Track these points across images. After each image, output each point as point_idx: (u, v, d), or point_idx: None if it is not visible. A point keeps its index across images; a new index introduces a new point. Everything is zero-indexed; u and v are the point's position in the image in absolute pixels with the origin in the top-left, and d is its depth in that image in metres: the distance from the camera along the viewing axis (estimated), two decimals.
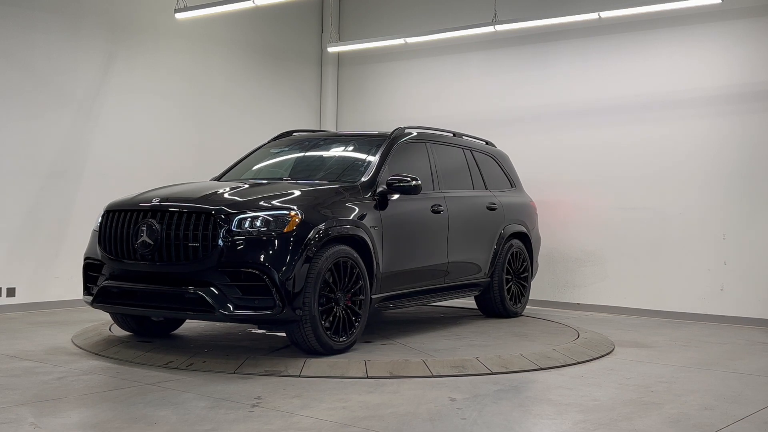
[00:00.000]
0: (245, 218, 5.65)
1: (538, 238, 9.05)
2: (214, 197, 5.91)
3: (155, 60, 9.70)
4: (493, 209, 8.12)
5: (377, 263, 6.34)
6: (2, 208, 8.38)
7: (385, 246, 6.46)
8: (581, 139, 9.67)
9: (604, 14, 8.52)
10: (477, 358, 5.91)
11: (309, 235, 5.71)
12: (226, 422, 4.33)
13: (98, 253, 6.15)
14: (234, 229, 5.60)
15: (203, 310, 5.61)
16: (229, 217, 5.63)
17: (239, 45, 10.66)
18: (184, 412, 4.52)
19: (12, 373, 5.44)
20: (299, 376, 5.46)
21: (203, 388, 5.10)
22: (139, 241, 5.80)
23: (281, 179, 7.11)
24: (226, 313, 5.54)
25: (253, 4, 8.42)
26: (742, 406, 4.98)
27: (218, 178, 7.59)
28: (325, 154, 7.51)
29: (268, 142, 8.10)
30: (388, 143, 7.05)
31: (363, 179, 6.60)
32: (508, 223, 8.31)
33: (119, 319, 6.69)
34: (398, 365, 5.68)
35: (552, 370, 5.94)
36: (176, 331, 7.03)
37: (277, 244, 5.60)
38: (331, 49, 11.02)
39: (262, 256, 5.56)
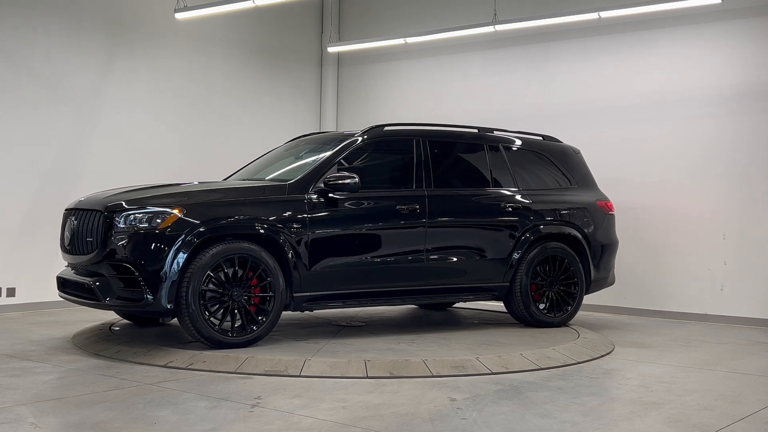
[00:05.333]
0: (128, 216, 6.05)
1: (608, 243, 8.12)
2: (118, 197, 6.31)
3: (155, 60, 9.70)
4: (516, 209, 7.52)
5: (298, 262, 6.37)
6: (2, 208, 8.38)
7: (316, 245, 6.46)
8: (581, 139, 9.65)
9: (604, 14, 8.52)
10: (477, 358, 5.91)
11: (187, 232, 5.98)
12: (226, 422, 4.33)
13: None
14: (119, 226, 6.04)
15: (94, 299, 6.12)
16: (116, 215, 6.07)
17: (239, 45, 10.66)
18: (184, 412, 4.52)
19: (12, 373, 5.44)
20: (299, 376, 5.46)
21: (203, 388, 5.10)
22: (64, 236, 6.60)
23: (245, 179, 7.29)
24: (109, 303, 6.07)
25: (253, 4, 8.41)
26: (742, 406, 4.98)
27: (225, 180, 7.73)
28: (305, 154, 7.40)
29: (286, 142, 8.19)
30: (343, 144, 6.97)
31: (294, 178, 6.67)
32: (543, 224, 7.62)
33: None
34: (398, 365, 5.67)
35: (552, 370, 5.94)
36: (177, 329, 7.04)
37: (149, 240, 5.96)
38: (331, 49, 11.03)
39: (134, 251, 5.97)
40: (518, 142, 8.03)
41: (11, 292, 8.42)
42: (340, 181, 6.55)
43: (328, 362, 5.67)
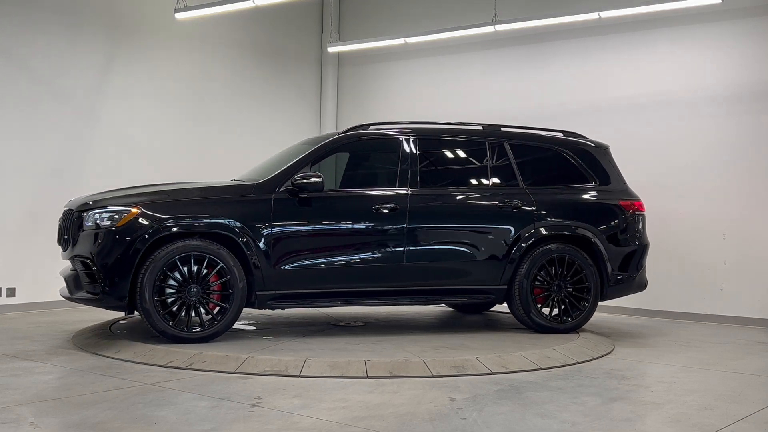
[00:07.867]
0: (94, 215, 6.36)
1: (633, 245, 7.58)
2: (90, 198, 6.62)
3: (155, 60, 9.70)
4: (516, 207, 7.20)
5: (260, 260, 6.46)
6: (2, 208, 8.39)
7: (280, 244, 6.53)
8: None
9: (604, 14, 8.52)
10: (477, 358, 5.91)
11: (143, 230, 6.23)
12: (226, 422, 4.34)
13: None
14: (86, 224, 6.36)
15: (69, 292, 6.52)
16: (85, 214, 6.40)
17: (239, 45, 10.66)
18: (184, 412, 4.52)
19: (12, 373, 5.44)
20: (299, 376, 5.46)
21: (203, 388, 5.10)
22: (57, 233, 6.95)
23: (231, 179, 7.44)
24: (76, 297, 6.43)
25: (253, 4, 8.41)
26: (742, 406, 4.98)
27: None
28: (292, 154, 7.32)
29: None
30: (320, 144, 7.00)
31: (262, 178, 6.78)
32: (547, 224, 7.24)
33: None
34: (398, 365, 5.68)
35: (552, 370, 5.94)
36: None
37: (105, 237, 6.25)
38: (331, 49, 11.03)
39: (91, 248, 6.29)
40: (527, 139, 7.67)
41: (11, 292, 8.42)
42: (305, 181, 6.61)
43: (328, 362, 5.67)
